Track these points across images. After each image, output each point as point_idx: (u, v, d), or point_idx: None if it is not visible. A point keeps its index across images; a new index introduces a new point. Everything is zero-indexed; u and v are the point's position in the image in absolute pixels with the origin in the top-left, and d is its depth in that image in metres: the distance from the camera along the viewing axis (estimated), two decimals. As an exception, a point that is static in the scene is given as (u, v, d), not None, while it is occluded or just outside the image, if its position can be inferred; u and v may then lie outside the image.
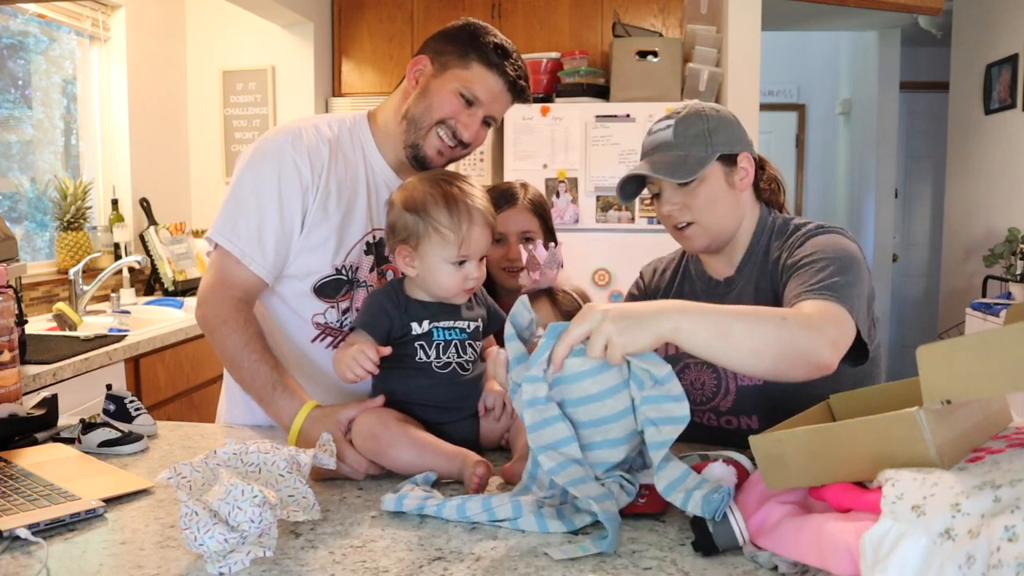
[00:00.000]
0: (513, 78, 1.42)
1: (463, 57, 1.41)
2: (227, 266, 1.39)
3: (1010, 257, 3.67)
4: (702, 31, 3.73)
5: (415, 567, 0.90)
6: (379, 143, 1.50)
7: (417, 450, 1.17)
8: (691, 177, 1.31)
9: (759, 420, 1.35)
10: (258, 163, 1.41)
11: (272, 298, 1.45)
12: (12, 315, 1.52)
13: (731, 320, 1.03)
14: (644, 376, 0.99)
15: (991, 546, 0.68)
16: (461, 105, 1.41)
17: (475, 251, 1.26)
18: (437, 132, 1.42)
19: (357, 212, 1.45)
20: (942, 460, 0.80)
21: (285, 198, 1.39)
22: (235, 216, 1.39)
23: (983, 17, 4.35)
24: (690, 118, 1.37)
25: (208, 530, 0.87)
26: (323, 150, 1.43)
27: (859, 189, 5.83)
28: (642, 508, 1.02)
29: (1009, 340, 0.76)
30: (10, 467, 1.21)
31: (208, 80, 4.07)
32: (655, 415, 0.98)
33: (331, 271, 1.43)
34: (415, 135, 1.43)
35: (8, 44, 3.14)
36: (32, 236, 3.26)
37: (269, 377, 1.29)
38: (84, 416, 1.39)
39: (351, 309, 1.46)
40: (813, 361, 1.06)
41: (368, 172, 1.49)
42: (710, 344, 1.01)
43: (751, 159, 1.39)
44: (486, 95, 1.41)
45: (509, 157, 3.60)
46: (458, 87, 1.40)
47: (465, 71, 1.41)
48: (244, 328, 1.33)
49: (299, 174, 1.40)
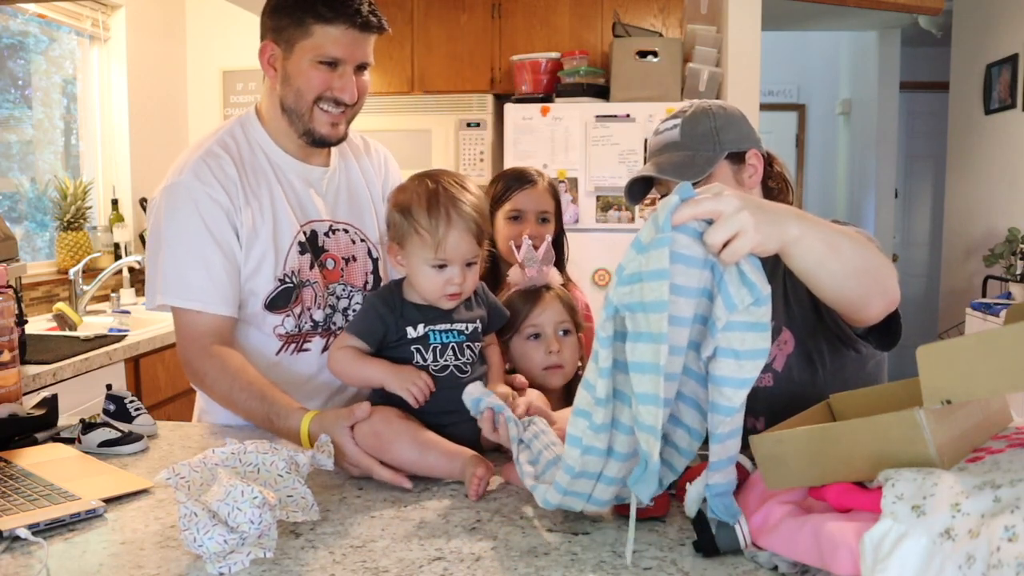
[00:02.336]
0: (360, 21, 1.36)
1: (300, 25, 1.35)
2: (190, 321, 1.38)
3: (1010, 257, 3.67)
4: (702, 31, 3.73)
5: (415, 567, 0.90)
6: (274, 137, 1.48)
7: (418, 448, 1.17)
8: (699, 177, 1.30)
9: (766, 422, 1.34)
10: (175, 211, 1.39)
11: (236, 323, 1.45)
12: (12, 315, 1.52)
13: (839, 237, 0.95)
14: (739, 294, 0.86)
15: (991, 546, 0.68)
16: (326, 73, 1.37)
17: (454, 255, 1.24)
18: (319, 108, 1.40)
19: (281, 217, 1.44)
20: (942, 460, 0.80)
21: (216, 232, 1.38)
22: (180, 271, 1.37)
23: (983, 17, 4.35)
24: (697, 117, 1.35)
25: (207, 531, 0.87)
26: (228, 169, 1.41)
27: (859, 189, 5.83)
28: (650, 512, 1.02)
29: (1009, 340, 0.76)
30: (10, 467, 1.21)
31: (208, 80, 4.07)
32: (739, 346, 0.86)
33: (276, 284, 1.43)
34: (300, 122, 1.42)
35: (8, 44, 3.14)
36: (32, 236, 3.26)
37: (261, 410, 1.29)
38: (84, 416, 1.39)
39: (304, 311, 1.46)
40: (890, 294, 1.05)
41: (275, 169, 1.47)
42: (821, 260, 0.94)
43: (760, 156, 1.38)
44: (343, 50, 1.37)
45: (509, 157, 3.60)
46: (312, 58, 1.36)
47: (310, 39, 1.35)
48: (224, 372, 1.33)
49: (218, 204, 1.38)
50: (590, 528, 1.00)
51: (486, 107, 3.94)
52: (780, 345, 1.33)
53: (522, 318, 1.42)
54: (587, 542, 0.96)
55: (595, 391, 0.89)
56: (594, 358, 0.89)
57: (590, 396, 0.90)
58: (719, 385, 0.87)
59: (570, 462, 0.93)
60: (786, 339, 1.33)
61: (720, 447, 0.90)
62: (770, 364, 1.32)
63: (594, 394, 0.89)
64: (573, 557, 0.92)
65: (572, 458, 0.93)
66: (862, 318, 1.12)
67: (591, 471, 0.93)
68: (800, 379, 1.33)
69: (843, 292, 1.01)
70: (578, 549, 0.94)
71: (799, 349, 1.33)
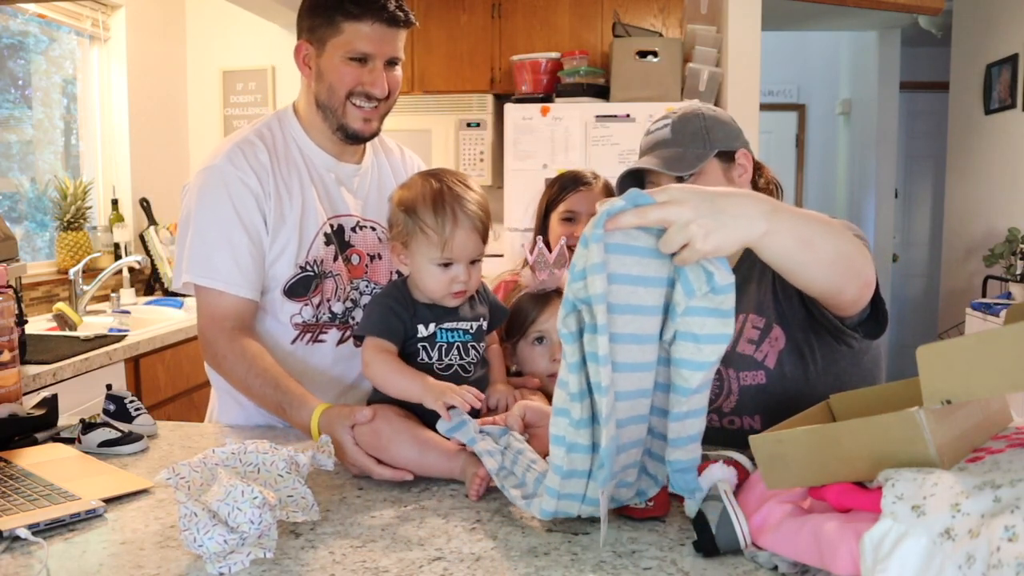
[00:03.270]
0: (387, 16, 1.39)
1: (331, 23, 1.39)
2: (213, 301, 1.40)
3: (1010, 257, 3.67)
4: (702, 31, 3.73)
5: (415, 567, 0.90)
6: (309, 133, 1.51)
7: (419, 448, 1.17)
8: (690, 171, 1.32)
9: (761, 421, 1.35)
10: (207, 193, 1.42)
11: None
12: (12, 315, 1.52)
13: (811, 228, 0.97)
14: (699, 281, 0.89)
15: (991, 546, 0.68)
16: (357, 69, 1.41)
17: (460, 254, 1.24)
18: (352, 103, 1.43)
19: (309, 206, 1.47)
20: (942, 460, 0.80)
21: (244, 216, 1.40)
22: (206, 251, 1.40)
23: (983, 17, 4.35)
24: (687, 117, 1.39)
25: (207, 531, 0.87)
26: (262, 157, 1.44)
27: (859, 189, 5.83)
28: (650, 512, 1.02)
29: (1009, 340, 0.76)
30: (10, 467, 1.21)
31: (208, 80, 4.07)
32: (699, 330, 0.88)
33: (296, 270, 1.45)
34: (334, 118, 1.45)
35: (8, 44, 3.14)
36: (32, 236, 3.26)
37: (275, 398, 1.31)
38: (84, 416, 1.39)
39: (323, 302, 1.48)
40: (863, 276, 1.06)
41: (307, 163, 1.50)
42: (791, 253, 0.95)
43: (749, 156, 1.41)
44: (372, 46, 1.40)
45: (509, 157, 3.60)
46: (343, 54, 1.40)
47: (340, 36, 1.39)
48: (242, 357, 1.35)
49: (249, 189, 1.41)
50: (590, 528, 1.00)
51: (486, 107, 3.94)
52: (771, 342, 1.34)
53: (529, 322, 1.41)
54: (587, 542, 0.96)
55: (568, 387, 0.90)
56: (563, 355, 0.91)
57: (565, 393, 0.91)
58: (678, 367, 0.91)
59: (557, 462, 0.93)
60: (777, 335, 1.34)
61: (679, 425, 0.93)
62: (762, 361, 1.33)
63: (568, 390, 0.91)
64: (573, 557, 0.92)
65: (558, 458, 0.93)
66: (839, 303, 1.14)
67: (580, 469, 0.94)
68: (792, 375, 1.33)
69: (817, 281, 1.03)
70: (578, 549, 0.94)
71: (790, 345, 1.33)
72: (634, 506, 1.02)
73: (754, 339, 1.35)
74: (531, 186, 3.58)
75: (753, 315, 1.36)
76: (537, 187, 3.94)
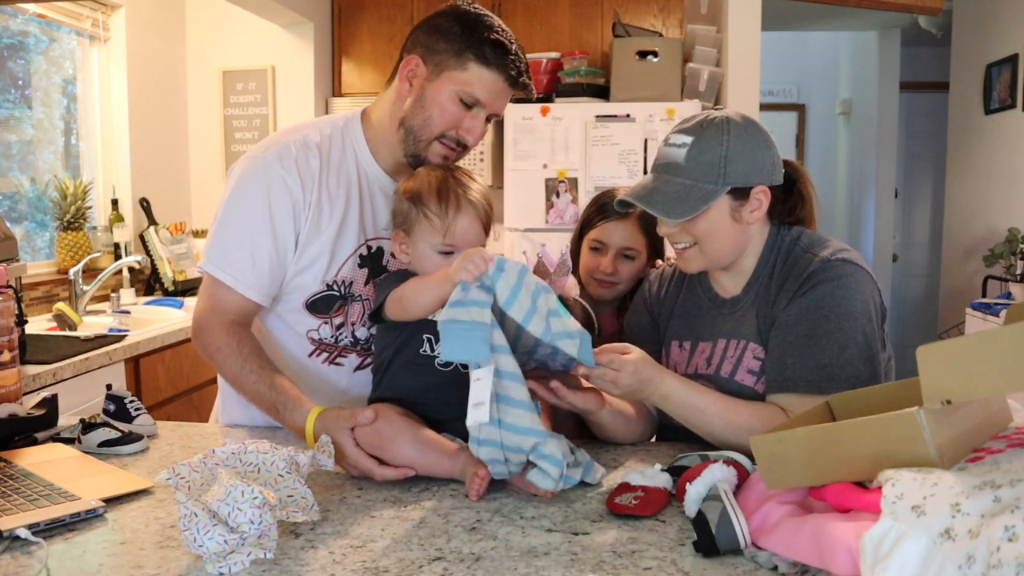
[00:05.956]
0: (515, 75, 1.34)
1: (458, 57, 1.32)
2: (219, 293, 1.36)
3: (1010, 257, 3.67)
4: (702, 31, 3.73)
5: (415, 567, 0.90)
6: (373, 145, 1.44)
7: (419, 446, 1.17)
8: (690, 216, 1.24)
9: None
10: (247, 184, 1.36)
11: (269, 314, 1.43)
12: (12, 315, 1.52)
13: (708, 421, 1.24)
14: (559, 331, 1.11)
15: (991, 546, 0.68)
16: (461, 111, 1.34)
17: (461, 241, 1.24)
18: (441, 141, 1.36)
19: (349, 225, 1.41)
20: (942, 460, 0.80)
21: (277, 220, 1.35)
22: (227, 243, 1.36)
23: (983, 17, 4.35)
24: (708, 141, 1.25)
25: (208, 531, 0.87)
26: (312, 163, 1.37)
27: (859, 189, 5.83)
28: (633, 510, 1.02)
29: (1009, 340, 0.76)
30: (10, 467, 1.21)
31: (208, 80, 4.07)
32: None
33: (322, 287, 1.40)
34: (415, 146, 1.37)
35: (8, 44, 3.14)
36: (32, 236, 3.26)
37: (269, 396, 1.28)
38: (84, 416, 1.39)
39: (345, 324, 1.43)
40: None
41: (361, 178, 1.43)
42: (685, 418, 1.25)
43: (767, 192, 1.28)
44: (487, 96, 1.34)
45: (509, 157, 3.60)
46: (457, 91, 1.32)
47: (463, 73, 1.32)
48: (239, 351, 1.32)
49: (289, 193, 1.35)
50: (590, 528, 1.00)
51: (486, 107, 3.93)
52: (758, 356, 1.31)
53: None
54: (587, 542, 0.96)
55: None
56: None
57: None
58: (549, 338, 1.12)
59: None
60: (761, 353, 1.31)
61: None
62: (757, 371, 1.31)
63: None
64: (573, 557, 0.92)
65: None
66: None
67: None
68: None
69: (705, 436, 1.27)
70: (578, 549, 0.94)
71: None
72: (619, 503, 1.04)
73: (754, 370, 1.30)
74: (531, 186, 3.59)
75: (753, 344, 1.31)
76: (537, 187, 3.91)
